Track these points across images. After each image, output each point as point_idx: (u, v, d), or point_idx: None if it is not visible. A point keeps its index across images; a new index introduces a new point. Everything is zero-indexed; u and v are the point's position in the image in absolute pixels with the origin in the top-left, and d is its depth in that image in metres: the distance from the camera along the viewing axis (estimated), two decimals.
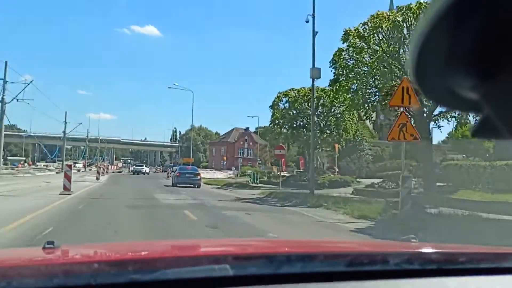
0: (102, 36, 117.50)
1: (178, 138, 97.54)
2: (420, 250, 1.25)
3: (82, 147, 71.55)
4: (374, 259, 1.03)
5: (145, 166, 49.37)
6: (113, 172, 42.09)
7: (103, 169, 31.20)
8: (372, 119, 23.14)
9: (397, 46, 12.75)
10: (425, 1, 12.12)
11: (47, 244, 1.20)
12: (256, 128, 68.20)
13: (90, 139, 63.33)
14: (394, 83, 11.30)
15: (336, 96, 15.46)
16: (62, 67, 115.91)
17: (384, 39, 13.04)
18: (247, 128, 77.63)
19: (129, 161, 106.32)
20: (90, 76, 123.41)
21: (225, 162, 58.53)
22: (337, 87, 14.19)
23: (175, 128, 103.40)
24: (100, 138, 71.28)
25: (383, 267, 0.99)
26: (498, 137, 0.49)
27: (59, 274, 0.85)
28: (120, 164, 53.16)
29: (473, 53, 0.42)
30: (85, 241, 4.65)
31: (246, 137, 75.50)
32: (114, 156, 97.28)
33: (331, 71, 14.30)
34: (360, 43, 13.43)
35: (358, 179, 21.03)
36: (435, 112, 12.45)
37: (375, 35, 13.06)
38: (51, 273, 0.87)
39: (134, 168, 46.85)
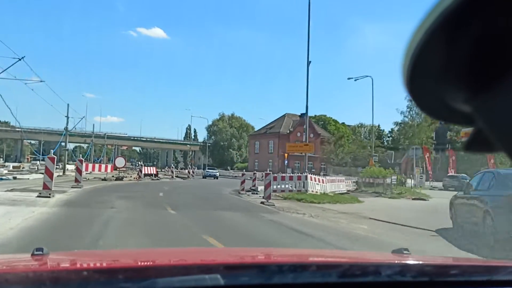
0: (108, 38, 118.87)
1: (192, 137, 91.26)
2: (412, 262, 1.27)
3: (85, 146, 70.45)
4: (366, 270, 1.06)
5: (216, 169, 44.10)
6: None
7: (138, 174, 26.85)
8: None
9: None
10: None
11: (36, 251, 1.22)
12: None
13: (95, 135, 58.96)
14: None
15: None
16: (68, 70, 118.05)
17: None
18: (303, 114, 62.26)
19: (137, 162, 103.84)
20: (97, 78, 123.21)
21: (286, 162, 43.67)
22: None
23: (189, 125, 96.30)
24: (106, 133, 65.42)
25: (375, 278, 1.01)
26: (491, 151, 0.50)
27: (47, 282, 0.86)
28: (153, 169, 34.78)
29: (467, 66, 0.44)
30: None
31: (305, 126, 61.42)
32: (121, 156, 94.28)
33: None
34: None
35: None
36: None
37: None
38: (39, 280, 0.88)
39: (205, 172, 42.41)
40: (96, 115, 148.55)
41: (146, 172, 28.11)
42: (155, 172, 30.07)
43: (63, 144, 39.82)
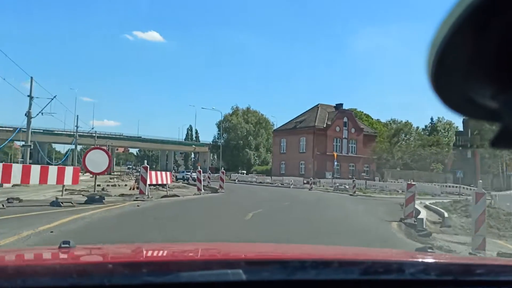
0: (105, 42, 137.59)
1: (194, 139, 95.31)
2: (437, 261, 1.43)
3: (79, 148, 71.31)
4: (390, 268, 1.22)
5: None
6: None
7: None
8: None
9: None
10: None
11: (63, 244, 1.48)
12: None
13: (82, 134, 60.59)
14: None
15: None
16: (65, 74, 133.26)
17: None
18: (340, 105, 57.25)
19: (133, 166, 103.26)
20: (94, 82, 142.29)
21: (336, 163, 41.12)
22: None
23: (190, 126, 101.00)
24: (97, 132, 66.20)
25: (398, 276, 1.18)
26: None
27: (73, 274, 1.08)
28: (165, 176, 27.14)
29: (495, 60, 0.49)
30: None
31: (345, 119, 55.75)
32: (115, 159, 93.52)
33: None
34: None
35: None
36: None
37: None
38: (65, 272, 1.10)
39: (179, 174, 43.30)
40: (93, 119, 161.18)
41: (153, 182, 17.84)
42: (167, 181, 20.16)
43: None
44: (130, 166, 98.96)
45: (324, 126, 54.34)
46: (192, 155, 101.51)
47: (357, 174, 51.71)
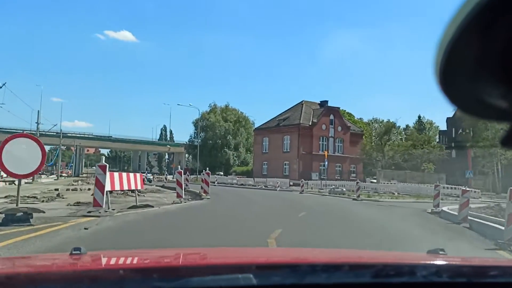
0: (75, 41, 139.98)
1: (168, 138, 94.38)
2: (449, 263, 1.48)
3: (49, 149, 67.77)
4: (401, 270, 1.25)
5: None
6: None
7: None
8: None
9: None
10: None
11: (74, 251, 1.51)
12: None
13: (49, 133, 58.73)
14: None
15: None
16: (34, 74, 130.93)
17: None
18: (325, 102, 54.64)
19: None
20: (64, 83, 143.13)
21: (326, 163, 37.03)
22: None
23: (164, 126, 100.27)
24: (63, 132, 64.49)
25: (410, 279, 1.20)
26: None
27: (85, 280, 1.11)
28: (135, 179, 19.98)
29: (504, 59, 0.50)
30: None
31: (331, 117, 52.75)
32: (84, 161, 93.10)
33: None
34: None
35: None
36: None
37: None
38: (77, 279, 1.13)
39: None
40: (63, 120, 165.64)
41: (116, 187, 12.47)
42: (136, 186, 14.59)
43: None
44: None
45: (310, 124, 51.83)
46: (167, 156, 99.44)
47: (346, 175, 48.84)
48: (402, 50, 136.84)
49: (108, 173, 10.89)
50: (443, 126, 63.80)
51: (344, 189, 32.04)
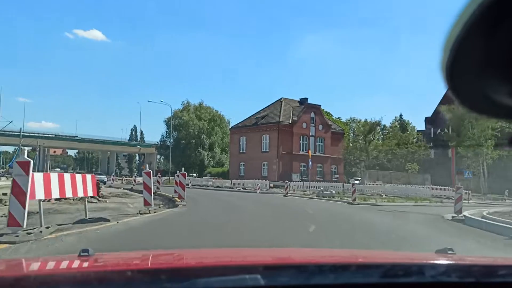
0: (42, 40, 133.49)
1: (138, 139, 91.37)
2: (458, 262, 1.48)
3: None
4: (409, 270, 1.24)
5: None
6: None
7: None
8: None
9: None
10: None
11: (82, 252, 1.49)
12: None
13: (6, 132, 55.89)
14: None
15: None
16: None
17: None
18: (304, 100, 52.69)
19: (65, 168, 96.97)
20: (30, 82, 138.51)
21: (310, 164, 34.02)
22: None
23: (134, 126, 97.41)
24: (23, 131, 60.91)
25: (419, 279, 1.19)
26: None
27: (93, 282, 1.12)
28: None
29: (509, 58, 0.49)
30: None
31: (312, 114, 51.09)
32: (49, 162, 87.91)
33: None
34: None
35: None
36: None
37: None
38: (85, 280, 1.14)
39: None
40: (30, 120, 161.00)
41: (53, 195, 8.51)
42: (87, 192, 10.23)
43: None
44: (62, 170, 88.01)
45: (290, 122, 50.00)
46: (137, 157, 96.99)
47: (328, 176, 46.52)
48: (375, 51, 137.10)
49: (32, 174, 7.29)
50: (420, 126, 62.63)
51: (334, 191, 30.28)
